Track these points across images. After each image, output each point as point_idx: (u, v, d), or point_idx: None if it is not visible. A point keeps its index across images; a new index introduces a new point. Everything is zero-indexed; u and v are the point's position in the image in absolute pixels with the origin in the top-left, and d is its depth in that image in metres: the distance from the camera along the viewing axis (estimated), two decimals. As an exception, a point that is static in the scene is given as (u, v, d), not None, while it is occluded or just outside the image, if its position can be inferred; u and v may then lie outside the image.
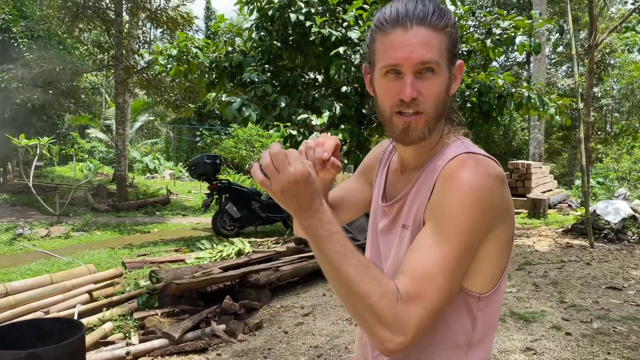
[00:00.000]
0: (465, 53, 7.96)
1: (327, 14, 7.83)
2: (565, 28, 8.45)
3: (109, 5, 14.23)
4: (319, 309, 4.81)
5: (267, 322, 4.55)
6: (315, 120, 7.18)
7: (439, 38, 0.97)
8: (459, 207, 0.92)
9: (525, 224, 10.18)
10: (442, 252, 0.90)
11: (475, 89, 7.68)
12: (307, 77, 8.85)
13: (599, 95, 24.40)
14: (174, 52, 7.89)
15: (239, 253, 6.84)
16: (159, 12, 14.07)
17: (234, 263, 5.64)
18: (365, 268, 0.89)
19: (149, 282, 5.34)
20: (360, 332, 1.23)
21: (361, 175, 1.38)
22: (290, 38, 8.10)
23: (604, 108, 25.94)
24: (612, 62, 24.50)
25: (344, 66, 7.24)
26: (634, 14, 13.72)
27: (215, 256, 6.71)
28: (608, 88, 25.03)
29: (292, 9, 7.40)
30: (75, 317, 4.32)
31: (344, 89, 7.80)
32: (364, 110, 8.37)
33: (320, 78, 8.85)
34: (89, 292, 4.91)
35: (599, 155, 22.07)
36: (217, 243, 7.53)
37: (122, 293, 5.10)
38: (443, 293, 0.90)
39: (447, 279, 0.90)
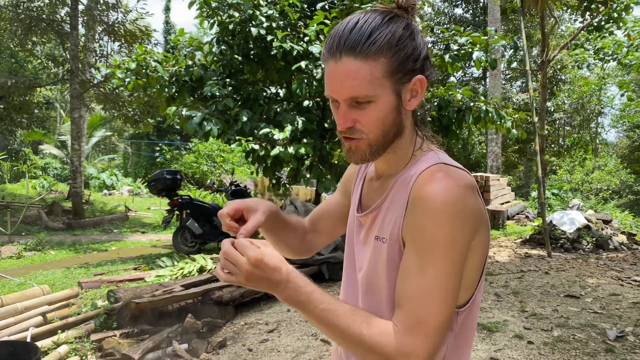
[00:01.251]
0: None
1: (289, 29, 7.84)
2: (519, 44, 8.73)
3: (64, 18, 13.88)
4: (284, 325, 4.74)
5: (230, 339, 4.44)
6: (278, 135, 7.14)
7: (370, 67, 0.94)
8: (436, 224, 0.91)
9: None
10: (430, 275, 0.90)
11: (435, 103, 7.82)
12: (269, 91, 8.82)
13: (552, 110, 25.29)
14: (133, 65, 7.73)
15: (201, 270, 6.68)
16: (116, 25, 13.80)
17: (196, 280, 5.51)
18: (353, 314, 0.93)
19: (106, 302, 5.15)
20: (335, 344, 1.22)
21: (341, 188, 1.37)
22: (252, 52, 8.07)
23: (557, 122, 26.89)
24: (563, 77, 25.48)
25: (305, 80, 7.25)
26: (582, 32, 14.32)
27: (176, 274, 6.54)
28: (560, 102, 25.99)
29: (253, 23, 7.38)
30: (28, 341, 4.11)
31: (305, 103, 7.81)
32: (325, 124, 8.39)
33: (282, 92, 8.84)
34: (43, 314, 4.68)
35: (553, 167, 22.83)
36: (178, 260, 7.35)
37: (79, 314, 4.89)
38: (442, 312, 0.90)
39: (443, 299, 0.90)
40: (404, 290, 0.93)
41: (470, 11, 27.82)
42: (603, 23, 13.18)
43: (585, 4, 11.18)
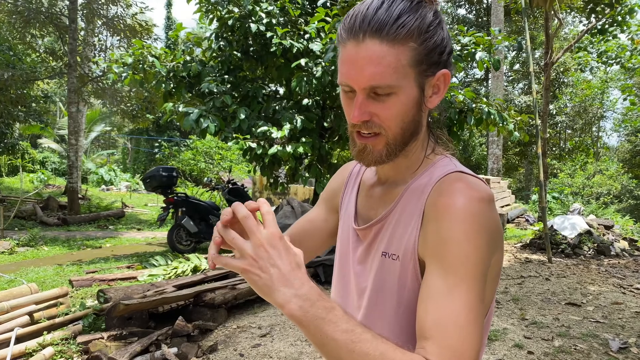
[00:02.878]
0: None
1: (289, 26, 7.71)
2: (524, 46, 8.59)
3: (62, 11, 13.74)
4: (277, 329, 4.61)
5: (222, 344, 4.31)
6: (276, 133, 7.01)
7: (396, 53, 0.82)
8: (465, 238, 0.79)
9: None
10: (462, 297, 0.76)
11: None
12: (268, 88, 8.70)
13: (554, 113, 25.17)
14: (129, 60, 7.60)
15: (195, 270, 6.56)
16: (115, 19, 13.65)
17: (189, 281, 5.39)
18: (384, 342, 0.73)
19: (96, 302, 5.02)
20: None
21: (324, 202, 1.21)
22: (251, 49, 7.94)
23: (559, 125, 26.76)
24: (565, 80, 25.34)
25: (305, 78, 7.12)
26: (585, 35, 14.18)
27: (169, 273, 6.41)
28: (562, 105, 25.86)
29: (253, 19, 7.25)
30: (12, 343, 3.99)
31: (305, 101, 7.68)
32: (325, 123, 8.26)
33: (281, 90, 8.71)
34: (30, 313, 4.55)
35: (554, 171, 22.70)
36: (171, 259, 7.22)
37: (67, 314, 4.76)
38: (478, 339, 0.75)
39: (478, 324, 0.76)
40: (432, 318, 0.76)
41: (474, 12, 27.70)
42: (607, 26, 13.05)
43: (590, 5, 11.05)
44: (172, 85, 7.82)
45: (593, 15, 11.56)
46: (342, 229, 1.09)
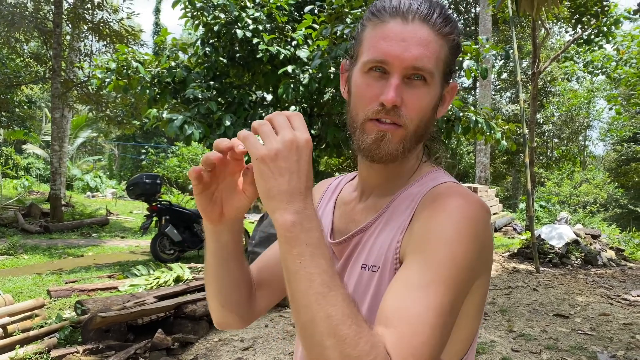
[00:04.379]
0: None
1: (276, 32, 7.64)
2: (511, 54, 8.60)
3: (47, 16, 13.56)
4: (260, 342, 4.49)
5: (202, 357, 4.19)
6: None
7: (439, 43, 0.81)
8: (457, 239, 0.71)
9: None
10: (438, 297, 0.67)
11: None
12: (255, 95, 8.60)
13: (541, 122, 25.34)
14: (113, 65, 7.47)
15: (178, 280, 6.42)
16: (101, 24, 13.50)
17: (171, 292, 5.25)
18: (350, 305, 0.65)
19: (74, 313, 4.87)
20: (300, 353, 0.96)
21: None
22: (237, 55, 7.85)
23: (546, 134, 26.95)
24: (552, 89, 25.55)
25: (292, 85, 7.04)
26: (572, 45, 14.29)
27: (151, 283, 6.27)
28: (549, 114, 26.06)
29: (239, 25, 7.16)
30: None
31: (292, 108, 7.59)
32: (312, 131, 8.17)
33: (268, 97, 8.61)
34: (3, 326, 4.39)
35: (542, 180, 22.82)
36: (154, 269, 7.07)
37: (42, 326, 4.61)
38: (439, 349, 0.66)
39: (445, 332, 0.67)
40: (398, 307, 0.67)
41: (462, 21, 27.89)
42: (593, 37, 13.16)
43: (577, 16, 11.12)
44: (156, 91, 7.70)
45: (579, 26, 11.64)
46: None
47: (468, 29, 27.02)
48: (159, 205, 8.36)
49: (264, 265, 1.01)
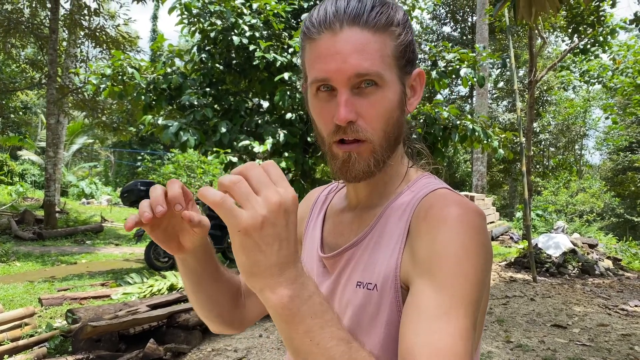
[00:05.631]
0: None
1: (272, 39, 7.61)
2: (508, 63, 8.60)
3: (43, 22, 13.53)
4: (254, 352, 4.42)
5: (195, 368, 4.11)
6: (258, 147, 6.86)
7: (380, 41, 0.74)
8: (464, 255, 0.66)
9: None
10: (460, 322, 0.62)
11: (421, 120, 7.62)
12: (251, 102, 8.56)
13: (538, 130, 25.40)
14: (108, 71, 7.42)
15: (171, 288, 6.34)
16: (98, 30, 13.47)
17: (164, 300, 5.18)
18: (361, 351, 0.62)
19: (64, 322, 4.79)
20: None
21: None
22: (234, 62, 7.82)
23: (542, 142, 27.01)
24: (549, 98, 25.64)
25: (288, 92, 7.01)
26: (568, 54, 14.34)
27: (144, 292, 6.18)
28: (546, 123, 26.12)
29: (236, 31, 7.13)
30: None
31: (288, 115, 7.55)
32: (308, 138, 8.13)
33: (264, 104, 8.58)
34: (-8, 335, 4.31)
35: (538, 188, 22.83)
36: (147, 277, 6.98)
37: (32, 336, 4.52)
38: None
39: (470, 353, 0.62)
40: (423, 342, 0.61)
41: (459, 30, 28.01)
42: (589, 46, 13.21)
43: (573, 25, 11.15)
44: (152, 98, 7.65)
45: (576, 35, 11.68)
46: (305, 260, 0.93)
47: (465, 37, 27.11)
48: (153, 213, 8.27)
49: None
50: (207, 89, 7.80)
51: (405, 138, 0.86)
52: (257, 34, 7.24)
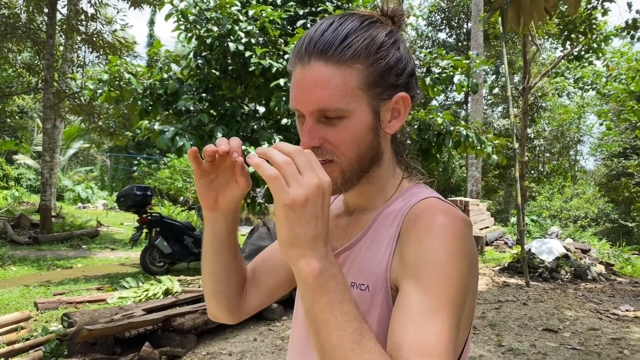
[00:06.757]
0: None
1: (268, 46, 7.68)
2: (501, 70, 8.69)
3: (40, 26, 13.57)
4: (248, 356, 4.46)
5: (189, 371, 4.15)
6: (253, 152, 6.91)
7: (344, 75, 0.77)
8: (448, 260, 0.72)
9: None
10: (445, 322, 0.68)
11: (415, 126, 7.69)
12: (247, 107, 8.62)
13: (532, 136, 25.54)
14: (105, 76, 7.47)
15: (167, 292, 6.37)
16: (95, 36, 13.52)
17: (160, 304, 5.22)
18: (381, 348, 0.67)
19: (60, 326, 4.82)
20: None
21: None
22: (230, 67, 7.88)
23: (537, 148, 27.15)
24: (543, 105, 25.81)
25: (284, 98, 7.07)
26: (562, 60, 14.47)
27: (140, 296, 6.21)
28: (540, 129, 26.27)
29: (232, 38, 7.20)
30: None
31: (284, 121, 7.62)
32: (304, 144, 8.20)
33: (260, 109, 8.64)
34: (-13, 339, 4.34)
35: (533, 194, 22.94)
36: (143, 281, 7.01)
37: (27, 339, 4.55)
38: None
39: (455, 351, 0.68)
40: (411, 340, 0.67)
41: (454, 36, 28.17)
42: (583, 53, 13.35)
43: (565, 33, 11.27)
44: (148, 103, 7.70)
45: (568, 42, 11.80)
46: None
47: (460, 44, 27.28)
48: (149, 217, 8.31)
49: (260, 264, 1.04)
50: (204, 95, 7.86)
51: (399, 152, 0.92)
52: (253, 41, 7.31)
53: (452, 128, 7.76)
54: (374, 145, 0.83)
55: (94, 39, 13.55)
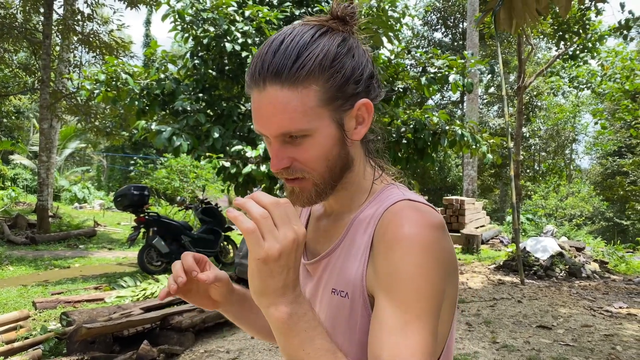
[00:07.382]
0: (401, 90, 8.05)
1: (265, 46, 7.72)
2: (496, 70, 8.75)
3: (37, 27, 13.57)
4: (246, 354, 4.50)
5: (187, 369, 4.19)
6: (250, 152, 6.96)
7: (302, 96, 0.77)
8: (418, 272, 0.74)
9: (459, 259, 10.27)
10: (417, 334, 0.72)
11: (411, 126, 7.74)
12: (244, 107, 8.66)
13: (527, 135, 25.64)
14: (102, 77, 7.50)
15: (164, 291, 6.40)
16: (91, 36, 13.52)
17: (157, 303, 5.25)
18: None
19: (59, 325, 4.86)
20: None
21: None
22: (226, 68, 7.92)
23: (532, 147, 27.25)
24: (538, 104, 25.90)
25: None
26: (557, 60, 14.55)
27: (137, 295, 6.25)
28: (535, 128, 26.37)
29: (228, 38, 7.24)
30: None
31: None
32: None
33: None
34: (-14, 338, 4.38)
35: (528, 193, 23.03)
36: (141, 280, 7.05)
37: (26, 338, 4.59)
38: None
39: (433, 356, 0.72)
40: (388, 355, 0.71)
41: (450, 36, 28.24)
42: (578, 52, 13.43)
43: (559, 33, 11.35)
44: (145, 103, 7.73)
45: (562, 42, 11.88)
46: None
47: (456, 43, 27.35)
48: (146, 217, 8.34)
49: None
50: (200, 95, 7.89)
51: (370, 152, 0.94)
52: (249, 41, 7.35)
53: (447, 127, 7.82)
54: (343, 156, 0.85)
55: (91, 39, 13.56)
